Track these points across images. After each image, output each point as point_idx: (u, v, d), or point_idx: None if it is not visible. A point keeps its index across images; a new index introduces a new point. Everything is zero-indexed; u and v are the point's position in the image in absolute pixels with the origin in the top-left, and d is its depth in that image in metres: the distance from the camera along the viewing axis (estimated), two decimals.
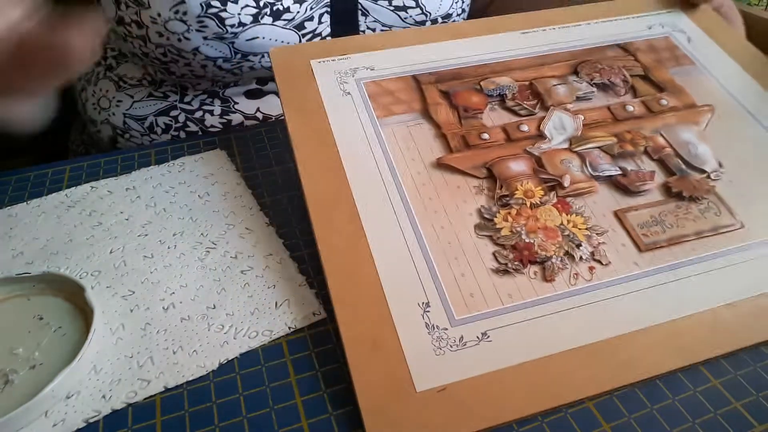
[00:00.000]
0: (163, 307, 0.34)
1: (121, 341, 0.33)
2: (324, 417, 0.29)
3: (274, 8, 0.48)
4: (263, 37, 0.48)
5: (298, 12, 0.49)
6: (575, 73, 0.45)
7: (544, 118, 0.42)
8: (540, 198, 0.37)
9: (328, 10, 0.51)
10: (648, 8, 0.51)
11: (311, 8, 0.50)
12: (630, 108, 0.43)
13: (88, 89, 0.58)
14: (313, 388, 0.30)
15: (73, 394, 0.30)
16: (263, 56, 0.50)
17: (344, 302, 0.32)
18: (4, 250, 0.38)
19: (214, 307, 0.34)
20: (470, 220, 0.36)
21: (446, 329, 0.32)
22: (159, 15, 0.47)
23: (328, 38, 0.52)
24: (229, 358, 0.31)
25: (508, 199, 0.37)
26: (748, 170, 0.40)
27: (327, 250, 0.34)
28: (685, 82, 0.45)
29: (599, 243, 0.35)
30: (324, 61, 0.45)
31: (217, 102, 0.54)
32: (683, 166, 0.39)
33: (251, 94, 0.55)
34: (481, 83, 0.44)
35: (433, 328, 0.32)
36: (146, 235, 0.39)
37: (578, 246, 0.35)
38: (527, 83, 0.44)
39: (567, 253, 0.35)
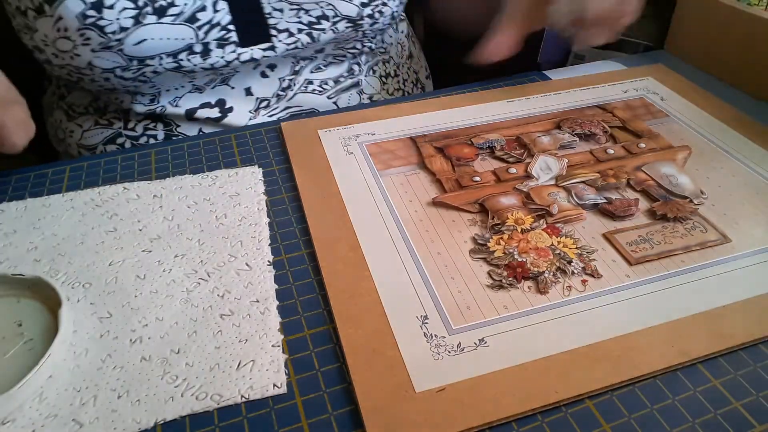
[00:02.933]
0: (131, 340, 0.33)
1: (77, 369, 0.31)
2: (324, 417, 0.29)
3: (156, 5, 0.45)
4: (152, 38, 0.46)
5: (186, 4, 0.46)
6: (558, 127, 0.49)
7: (531, 162, 0.45)
8: (530, 224, 0.39)
9: None
10: (623, 77, 0.57)
11: None
12: (611, 151, 0.46)
13: (48, 121, 0.58)
14: (313, 388, 0.31)
15: (8, 422, 0.28)
16: (162, 58, 0.47)
17: (345, 318, 0.34)
18: (22, 242, 0.39)
19: (178, 352, 0.32)
20: (465, 246, 0.38)
21: (444, 337, 0.32)
22: (47, 36, 0.45)
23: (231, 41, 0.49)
24: (167, 420, 0.29)
25: (500, 227, 0.39)
26: (729, 195, 0.42)
27: (330, 274, 0.36)
28: (661, 129, 0.49)
29: (590, 260, 0.37)
30: (329, 131, 0.50)
31: (160, 126, 0.54)
32: (666, 194, 0.42)
33: (191, 118, 0.54)
34: (472, 139, 0.48)
35: (432, 336, 0.33)
36: (150, 251, 0.38)
37: (569, 262, 0.37)
38: (514, 137, 0.48)
39: (559, 268, 0.36)
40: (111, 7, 0.44)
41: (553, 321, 0.33)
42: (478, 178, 0.44)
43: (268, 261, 0.38)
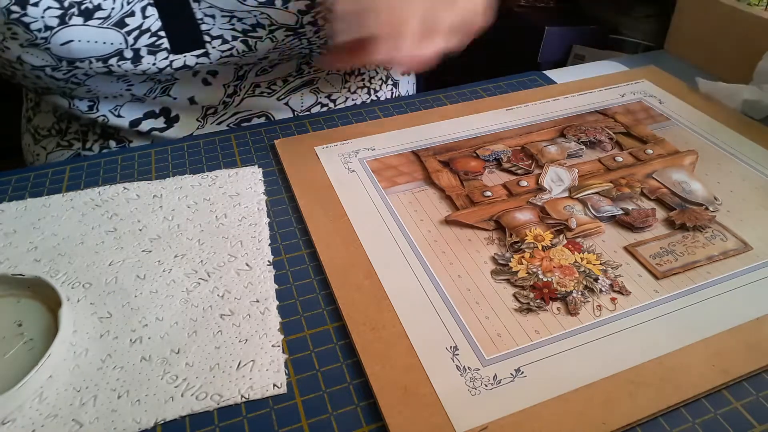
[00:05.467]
0: (131, 340, 0.32)
1: (77, 369, 0.31)
2: (324, 417, 0.29)
3: (83, 7, 0.43)
4: (79, 40, 0.44)
5: (113, 8, 0.44)
6: (562, 135, 0.48)
7: (540, 174, 0.44)
8: (550, 241, 0.38)
9: (151, 1, 0.46)
10: (618, 81, 0.56)
11: (129, 2, 0.45)
12: (619, 159, 0.45)
13: (22, 143, 0.57)
14: (313, 388, 0.30)
15: (8, 422, 0.28)
16: (92, 62, 0.45)
17: (370, 354, 0.32)
18: (22, 242, 0.38)
19: (178, 352, 0.32)
20: (485, 267, 0.37)
21: (478, 369, 0.31)
22: None
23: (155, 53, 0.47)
24: (167, 420, 0.29)
25: (519, 244, 0.38)
26: (742, 200, 0.41)
27: (347, 305, 0.34)
28: (665, 134, 0.48)
29: (616, 276, 0.36)
30: (327, 147, 0.48)
31: (113, 143, 0.54)
32: (681, 202, 0.41)
33: (136, 129, 0.53)
34: (477, 151, 0.46)
35: (465, 369, 0.31)
36: (150, 251, 0.38)
37: (596, 280, 0.35)
38: (519, 147, 0.47)
39: (586, 287, 0.35)
40: (36, 4, 0.42)
41: (588, 344, 0.32)
42: (489, 193, 0.42)
43: (268, 261, 0.38)
